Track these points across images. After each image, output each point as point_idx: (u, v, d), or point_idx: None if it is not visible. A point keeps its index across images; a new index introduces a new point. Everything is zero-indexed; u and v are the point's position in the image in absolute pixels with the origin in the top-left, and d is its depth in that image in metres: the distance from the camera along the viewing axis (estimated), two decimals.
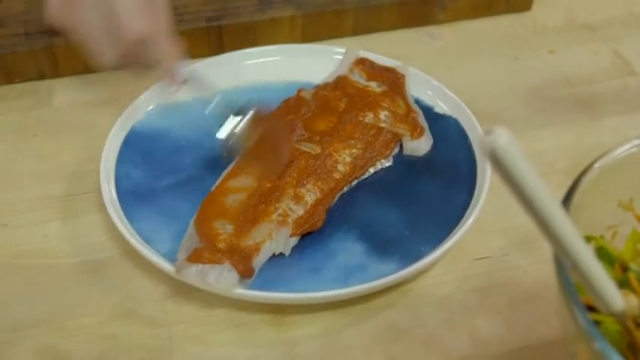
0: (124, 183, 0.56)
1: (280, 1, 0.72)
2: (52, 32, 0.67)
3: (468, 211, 0.53)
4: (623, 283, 0.39)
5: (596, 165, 0.40)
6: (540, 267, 0.51)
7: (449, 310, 0.50)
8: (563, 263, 0.35)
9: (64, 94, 0.67)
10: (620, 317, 0.36)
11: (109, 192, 0.54)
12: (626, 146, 0.42)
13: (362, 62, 0.65)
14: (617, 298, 0.36)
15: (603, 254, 0.41)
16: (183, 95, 0.60)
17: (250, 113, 0.57)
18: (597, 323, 0.37)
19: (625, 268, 0.40)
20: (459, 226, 0.52)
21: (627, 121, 0.64)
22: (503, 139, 0.31)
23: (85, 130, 0.63)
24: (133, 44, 0.52)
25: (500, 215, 0.54)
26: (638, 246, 0.43)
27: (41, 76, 0.67)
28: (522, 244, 0.54)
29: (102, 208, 0.54)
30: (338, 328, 0.49)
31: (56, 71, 0.68)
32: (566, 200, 0.39)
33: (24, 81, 0.67)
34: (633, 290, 0.38)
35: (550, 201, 0.32)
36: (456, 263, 0.53)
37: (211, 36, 0.70)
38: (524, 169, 0.31)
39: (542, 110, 0.66)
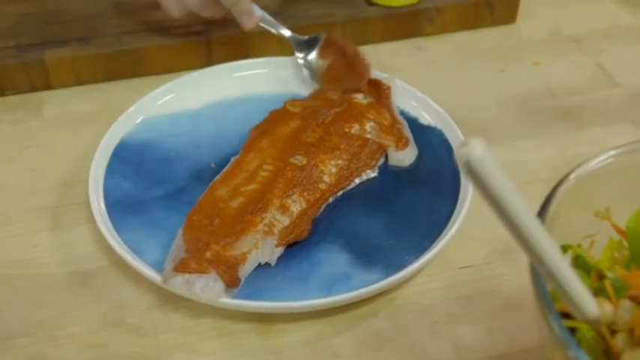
0: (112, 194, 0.56)
1: (269, 14, 0.73)
2: (44, 44, 0.68)
3: (452, 220, 0.54)
4: (599, 291, 0.40)
5: (572, 176, 0.41)
6: (522, 275, 0.51)
7: (432, 319, 0.50)
8: (539, 271, 0.36)
9: (55, 106, 0.67)
10: (594, 324, 0.37)
11: (98, 203, 0.55)
12: (602, 157, 0.43)
13: None
14: (591, 305, 0.36)
15: (580, 263, 0.42)
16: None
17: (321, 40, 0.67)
18: (573, 330, 0.38)
19: (601, 276, 0.41)
20: (442, 235, 0.53)
21: (610, 132, 0.66)
22: (478, 150, 0.31)
23: (75, 142, 0.63)
24: None
25: (484, 224, 0.55)
26: (615, 254, 0.44)
27: (32, 89, 0.68)
28: (505, 252, 0.54)
29: (91, 219, 0.55)
30: (323, 337, 0.49)
31: (47, 83, 0.68)
32: (543, 210, 0.40)
33: (15, 93, 0.68)
34: (608, 297, 0.39)
35: (524, 211, 0.33)
36: (440, 272, 0.53)
37: (200, 49, 0.71)
38: (498, 180, 0.32)
39: (527, 121, 0.67)
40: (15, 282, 0.53)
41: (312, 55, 0.67)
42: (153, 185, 0.58)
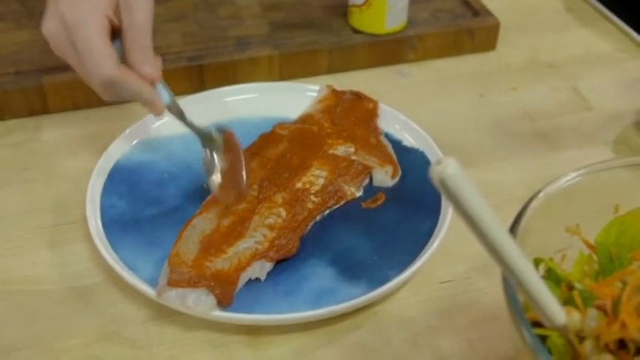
0: (109, 213, 0.59)
1: (258, 41, 0.76)
2: (42, 71, 0.71)
3: (433, 237, 0.57)
4: (569, 301, 0.43)
5: (542, 193, 0.44)
6: (500, 289, 0.54)
7: (414, 331, 0.53)
8: (510, 282, 0.39)
9: (53, 129, 0.70)
10: (562, 331, 0.40)
11: (95, 222, 0.57)
12: (570, 176, 0.45)
13: None
14: (558, 313, 0.39)
15: (552, 275, 0.45)
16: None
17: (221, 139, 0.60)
18: (544, 338, 0.40)
19: (571, 287, 0.44)
20: (424, 251, 0.56)
21: (584, 154, 0.69)
22: (451, 168, 0.34)
23: (73, 164, 0.66)
24: (101, 86, 0.55)
25: (464, 241, 0.56)
26: (585, 268, 0.47)
27: (31, 113, 0.71)
28: (484, 268, 0.57)
29: (88, 237, 0.57)
30: (310, 348, 0.52)
31: (45, 108, 0.71)
32: (515, 225, 0.42)
33: (14, 117, 0.71)
34: (576, 307, 0.41)
35: (494, 223, 0.35)
36: (422, 286, 0.56)
37: (193, 74, 0.73)
38: (470, 196, 0.34)
39: (505, 143, 0.70)
40: (14, 297, 0.55)
41: (218, 153, 0.60)
42: (147, 205, 0.60)
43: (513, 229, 0.42)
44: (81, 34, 0.54)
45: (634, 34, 0.84)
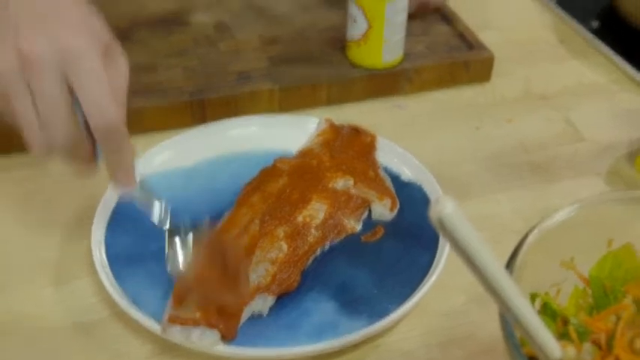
0: (113, 248, 0.60)
1: (258, 76, 0.78)
2: None
3: (431, 270, 0.58)
4: (564, 336, 0.44)
5: (537, 229, 0.45)
6: (497, 322, 0.55)
7: None
8: (507, 318, 0.40)
9: (59, 164, 0.71)
10: None
11: (100, 256, 0.58)
12: (565, 211, 0.47)
13: None
14: (554, 348, 0.40)
15: (548, 310, 0.46)
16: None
17: (194, 232, 0.56)
18: None
19: (566, 322, 0.45)
20: (422, 284, 0.57)
21: (577, 185, 0.70)
22: (448, 208, 0.35)
23: (78, 198, 0.67)
24: (106, 133, 0.52)
25: (461, 274, 0.57)
26: (580, 301, 0.48)
27: None
28: (481, 300, 0.58)
29: (92, 272, 0.58)
30: None
31: None
32: (510, 261, 0.44)
33: (21, 152, 0.71)
34: (572, 341, 0.43)
35: (491, 262, 0.36)
36: (421, 319, 0.57)
37: (194, 108, 0.74)
38: (467, 235, 0.35)
39: (501, 175, 0.71)
40: (18, 333, 0.55)
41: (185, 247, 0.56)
42: (151, 239, 0.60)
43: (509, 264, 0.44)
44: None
45: (626, 66, 0.86)
